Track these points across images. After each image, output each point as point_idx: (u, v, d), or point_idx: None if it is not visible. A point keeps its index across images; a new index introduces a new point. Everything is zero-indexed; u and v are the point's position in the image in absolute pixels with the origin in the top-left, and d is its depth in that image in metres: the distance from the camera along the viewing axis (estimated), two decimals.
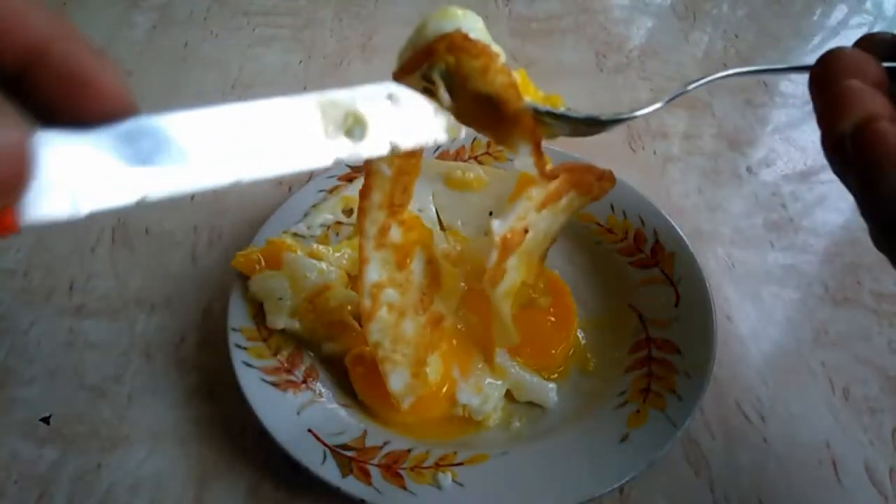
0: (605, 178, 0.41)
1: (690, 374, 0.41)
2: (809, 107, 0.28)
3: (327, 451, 0.38)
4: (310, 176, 0.57)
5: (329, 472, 0.37)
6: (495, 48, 0.29)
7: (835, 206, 0.57)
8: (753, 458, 0.41)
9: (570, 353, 0.45)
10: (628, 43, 0.76)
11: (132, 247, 0.54)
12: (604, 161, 0.54)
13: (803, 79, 0.27)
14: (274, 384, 0.41)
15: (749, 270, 0.52)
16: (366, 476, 0.37)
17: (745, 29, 0.78)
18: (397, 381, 0.39)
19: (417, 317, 0.39)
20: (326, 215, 0.51)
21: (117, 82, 0.19)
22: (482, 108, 0.29)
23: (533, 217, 0.39)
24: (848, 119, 0.24)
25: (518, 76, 0.30)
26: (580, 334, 0.46)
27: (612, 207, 0.51)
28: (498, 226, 0.35)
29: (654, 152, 0.62)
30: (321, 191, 0.53)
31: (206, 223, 0.55)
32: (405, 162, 0.34)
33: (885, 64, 0.26)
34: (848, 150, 0.24)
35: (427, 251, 0.39)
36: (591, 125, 0.31)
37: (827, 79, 0.25)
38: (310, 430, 0.39)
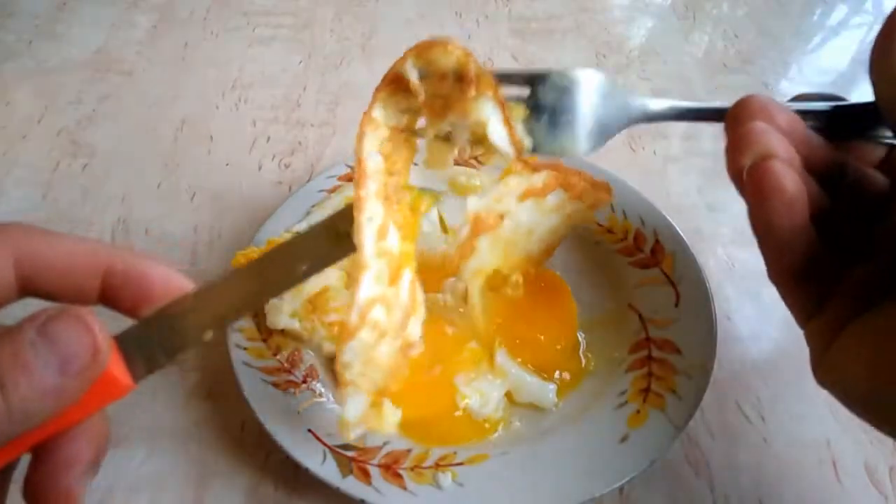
0: (601, 188, 0.42)
1: (690, 374, 0.41)
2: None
3: (327, 451, 0.38)
4: (310, 176, 0.57)
5: (329, 472, 0.37)
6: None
7: None
8: (753, 458, 0.41)
9: (570, 353, 0.45)
10: (628, 43, 0.76)
11: (132, 247, 0.54)
12: (604, 161, 0.55)
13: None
14: (274, 384, 0.41)
15: (749, 270, 0.52)
16: (366, 476, 0.37)
17: (745, 29, 0.78)
18: (354, 408, 0.34)
19: (393, 341, 0.34)
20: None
21: (169, 271, 0.26)
22: (450, 87, 0.30)
23: (512, 206, 0.40)
24: (747, 155, 0.27)
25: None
26: (580, 334, 0.46)
27: (612, 207, 0.51)
28: (472, 203, 0.37)
29: (654, 152, 0.62)
30: (321, 191, 0.53)
31: (206, 223, 0.55)
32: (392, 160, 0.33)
33: (794, 105, 0.29)
34: (744, 182, 0.28)
35: (412, 268, 0.35)
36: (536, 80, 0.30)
37: (738, 118, 0.28)
38: (310, 430, 0.39)
